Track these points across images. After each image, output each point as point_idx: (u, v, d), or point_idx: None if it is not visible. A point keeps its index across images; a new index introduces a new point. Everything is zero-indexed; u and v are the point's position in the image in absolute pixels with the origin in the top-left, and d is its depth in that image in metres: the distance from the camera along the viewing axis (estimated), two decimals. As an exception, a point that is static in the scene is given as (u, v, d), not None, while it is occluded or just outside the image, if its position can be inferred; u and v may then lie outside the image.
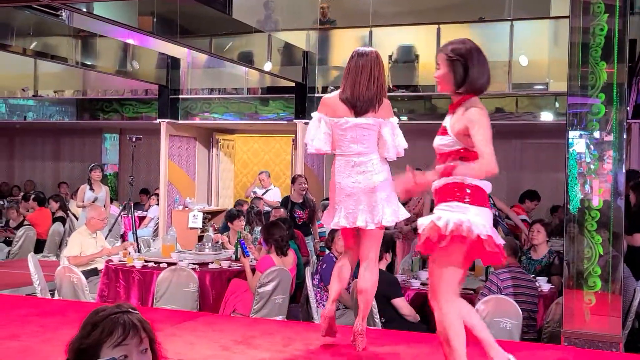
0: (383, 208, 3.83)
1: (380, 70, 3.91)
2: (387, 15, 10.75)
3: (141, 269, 6.17)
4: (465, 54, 3.14)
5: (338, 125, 3.85)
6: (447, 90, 3.23)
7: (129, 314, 1.98)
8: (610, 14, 4.65)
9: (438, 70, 3.22)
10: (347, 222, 3.85)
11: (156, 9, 7.72)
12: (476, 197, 3.09)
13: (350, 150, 3.87)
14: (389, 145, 3.91)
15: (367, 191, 3.82)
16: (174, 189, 11.36)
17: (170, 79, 11.18)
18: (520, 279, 5.15)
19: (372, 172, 3.84)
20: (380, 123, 3.88)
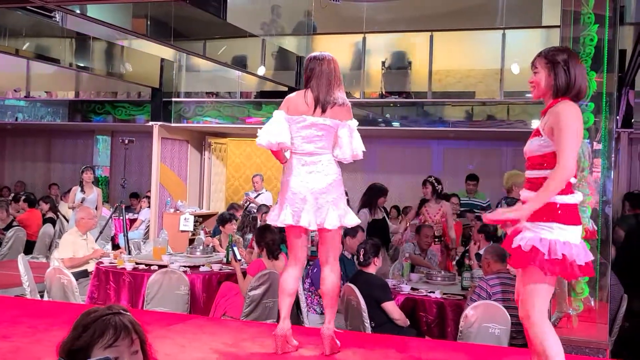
0: (328, 211, 3.83)
1: (339, 74, 3.97)
2: (380, 21, 10.82)
3: (132, 271, 6.17)
4: (568, 58, 3.12)
5: (295, 123, 3.87)
6: (543, 95, 3.17)
7: (120, 315, 2.00)
8: (600, 25, 4.72)
9: (536, 74, 3.17)
10: (292, 220, 3.83)
11: (150, 12, 7.73)
12: (569, 216, 3.02)
13: (302, 149, 3.88)
14: (345, 147, 3.91)
15: (315, 192, 3.82)
16: (165, 192, 11.35)
17: (163, 82, 11.19)
18: (509, 285, 5.17)
19: (322, 173, 3.85)
20: (338, 124, 3.90)
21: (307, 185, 3.83)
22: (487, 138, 11.14)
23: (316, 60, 3.98)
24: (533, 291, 3.05)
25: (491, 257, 5.35)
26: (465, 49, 10.49)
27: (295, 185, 3.85)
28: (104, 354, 1.92)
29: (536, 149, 3.12)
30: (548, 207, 2.99)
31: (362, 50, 10.64)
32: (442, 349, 4.34)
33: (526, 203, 3.02)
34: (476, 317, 4.80)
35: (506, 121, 9.93)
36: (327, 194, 3.84)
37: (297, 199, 3.83)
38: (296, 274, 4.03)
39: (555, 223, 2.99)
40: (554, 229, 2.98)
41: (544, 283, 3.03)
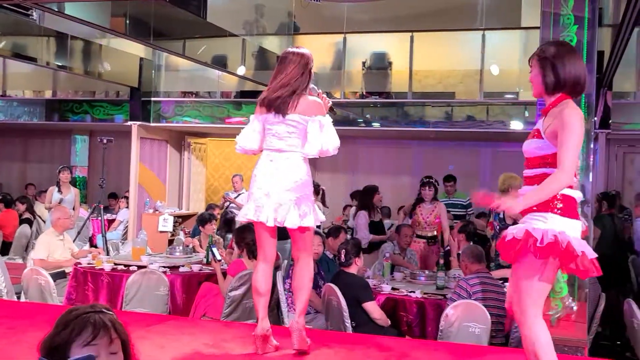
0: (289, 210, 3.76)
1: (294, 69, 3.83)
2: (361, 22, 10.83)
3: (110, 271, 6.11)
4: (555, 54, 3.04)
5: (267, 120, 3.85)
6: (540, 93, 3.12)
7: (101, 314, 1.97)
8: (579, 26, 4.75)
9: (532, 72, 3.13)
10: (254, 216, 3.81)
11: (129, 11, 7.67)
12: (568, 209, 2.97)
13: (271, 146, 3.84)
14: (312, 141, 3.80)
15: (278, 189, 3.77)
16: (144, 192, 11.26)
17: (142, 81, 11.10)
18: (489, 284, 5.21)
19: (288, 171, 3.79)
20: (308, 120, 3.81)
21: (271, 182, 3.78)
22: (467, 139, 11.20)
23: (281, 57, 3.93)
24: (528, 289, 2.97)
25: (468, 259, 5.39)
26: (445, 50, 10.55)
27: (261, 181, 3.82)
28: (82, 351, 1.90)
29: (536, 151, 3.07)
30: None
31: (342, 50, 10.65)
32: (423, 348, 4.35)
33: (522, 197, 2.99)
34: (456, 316, 4.82)
35: (486, 122, 10.00)
36: (291, 192, 3.77)
37: (261, 194, 3.80)
38: (267, 272, 3.97)
39: (550, 213, 2.93)
40: (547, 219, 2.93)
41: (540, 280, 2.96)
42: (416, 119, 10.46)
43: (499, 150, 11.52)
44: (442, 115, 10.35)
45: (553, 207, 2.94)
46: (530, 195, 2.97)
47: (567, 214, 2.96)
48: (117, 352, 1.97)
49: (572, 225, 2.97)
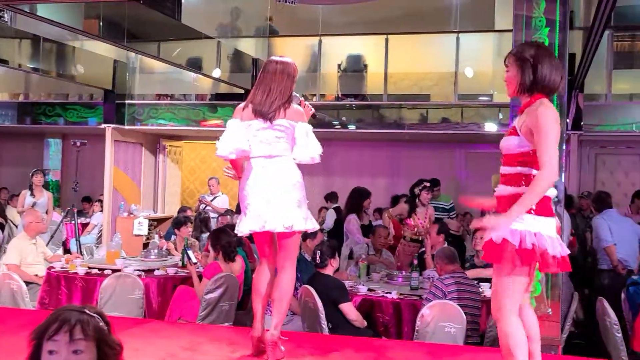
0: (293, 213, 3.75)
1: (280, 77, 3.83)
2: (336, 24, 10.86)
3: (84, 275, 6.05)
4: (536, 54, 3.09)
5: (251, 127, 3.79)
6: (514, 92, 3.16)
7: (77, 312, 1.98)
8: (550, 28, 4.82)
9: (508, 72, 3.17)
10: (257, 226, 3.74)
11: (102, 12, 7.60)
12: (542, 208, 3.01)
13: (261, 152, 3.79)
14: (302, 148, 3.82)
15: (279, 193, 3.73)
16: (118, 196, 11.16)
17: (116, 84, 11.00)
18: (464, 284, 5.25)
19: (282, 175, 3.76)
20: (294, 126, 3.82)
21: (269, 188, 3.73)
22: (442, 140, 11.28)
23: (265, 64, 3.92)
24: (505, 286, 3.04)
25: (442, 260, 5.43)
26: (420, 53, 10.62)
27: (257, 190, 3.75)
28: (46, 345, 1.94)
29: (513, 148, 3.11)
30: (516, 199, 2.99)
31: (318, 53, 10.66)
32: (399, 349, 4.37)
33: (512, 208, 2.97)
34: (432, 316, 4.85)
35: (460, 124, 10.08)
36: (292, 194, 3.76)
37: (261, 202, 3.73)
38: (267, 276, 3.94)
39: (527, 214, 2.97)
40: (524, 220, 2.97)
41: (516, 278, 3.02)
42: (391, 121, 10.51)
43: (473, 152, 11.62)
44: (417, 117, 10.41)
45: (530, 208, 2.98)
46: (520, 204, 2.97)
47: (541, 212, 3.00)
48: (83, 351, 1.94)
49: (547, 223, 3.02)
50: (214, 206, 9.93)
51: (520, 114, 3.15)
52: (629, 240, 6.72)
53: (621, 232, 6.73)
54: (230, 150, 3.79)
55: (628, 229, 6.77)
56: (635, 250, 6.76)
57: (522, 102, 3.16)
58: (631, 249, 6.73)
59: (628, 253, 6.82)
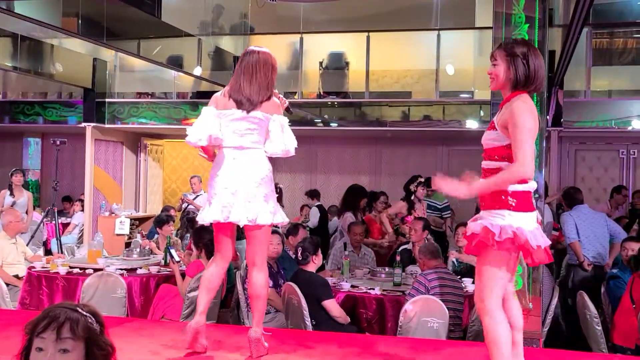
0: (260, 206, 3.73)
1: (263, 68, 3.82)
2: (317, 22, 10.87)
3: (66, 275, 6.00)
4: (527, 51, 3.14)
5: (225, 116, 3.76)
6: (502, 87, 3.20)
7: (69, 310, 1.95)
8: (530, 25, 4.87)
9: (495, 66, 3.19)
10: (222, 217, 3.70)
11: (81, 10, 7.53)
12: (521, 203, 3.05)
13: (233, 143, 3.76)
14: (276, 141, 3.79)
15: (246, 187, 3.70)
16: (99, 195, 11.08)
17: (96, 82, 10.91)
18: (447, 280, 5.29)
19: (253, 168, 3.74)
20: (269, 118, 3.79)
21: (238, 180, 3.71)
22: (424, 138, 11.33)
23: (245, 54, 3.87)
24: (488, 278, 3.09)
25: (424, 256, 5.46)
26: (402, 50, 10.66)
27: (225, 180, 3.73)
28: (35, 341, 1.91)
29: (489, 142, 3.18)
30: (500, 196, 3.05)
31: (299, 50, 10.66)
32: (382, 344, 4.38)
33: (477, 182, 3.07)
34: (415, 312, 4.88)
35: (442, 121, 10.13)
36: (260, 188, 3.73)
37: (228, 193, 3.70)
38: (221, 271, 3.92)
39: (506, 210, 3.03)
40: (505, 216, 3.02)
41: (499, 270, 3.07)
42: (373, 119, 10.54)
43: (455, 148, 11.69)
44: (399, 114, 10.45)
45: (508, 204, 3.03)
46: (485, 183, 3.07)
47: (521, 208, 3.05)
48: (70, 351, 1.91)
49: (528, 218, 3.06)
50: (196, 204, 9.89)
51: (501, 108, 3.20)
52: (600, 236, 6.78)
53: (592, 228, 6.79)
54: (199, 137, 3.74)
55: (599, 225, 6.83)
56: (606, 247, 6.83)
57: (504, 97, 3.21)
58: (601, 245, 6.80)
59: (598, 249, 6.88)
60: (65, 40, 10.55)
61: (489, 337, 3.10)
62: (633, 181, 10.70)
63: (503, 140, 3.10)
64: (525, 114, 3.02)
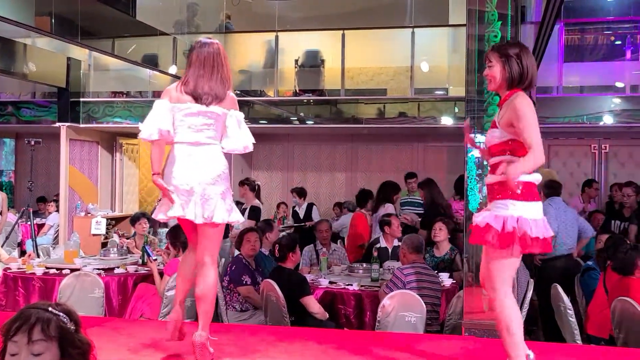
0: (216, 204, 3.62)
1: (223, 61, 3.76)
2: (292, 20, 10.87)
3: (42, 275, 5.96)
4: (520, 52, 3.29)
5: (179, 110, 3.63)
6: (498, 87, 3.35)
7: (44, 311, 1.90)
8: (503, 22, 4.94)
9: (491, 67, 3.33)
10: (177, 213, 3.61)
11: (54, 9, 7.46)
12: (527, 193, 3.19)
13: (188, 139, 3.63)
14: (234, 137, 3.73)
15: (202, 184, 3.59)
16: (75, 195, 10.98)
17: (70, 81, 10.81)
18: (424, 275, 5.35)
19: (209, 165, 3.63)
20: (226, 114, 3.71)
21: (193, 177, 3.59)
22: (399, 135, 11.40)
23: (197, 46, 3.76)
24: (499, 267, 3.23)
25: (407, 248, 5.50)
26: (376, 47, 10.70)
27: (181, 177, 3.59)
28: (9, 346, 1.85)
29: (494, 140, 3.31)
30: (503, 186, 3.17)
31: (274, 48, 10.66)
32: (361, 339, 4.42)
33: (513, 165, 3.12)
34: (393, 306, 4.93)
35: (417, 118, 10.20)
36: (215, 187, 3.63)
37: (183, 191, 3.58)
38: (194, 261, 3.80)
39: (510, 200, 3.17)
40: (508, 206, 3.16)
41: (508, 258, 3.21)
42: (349, 116, 10.58)
43: (430, 145, 11.79)
44: (375, 112, 10.51)
45: (514, 194, 3.16)
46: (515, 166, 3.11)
47: (527, 197, 3.19)
48: (43, 353, 1.86)
49: (533, 207, 3.21)
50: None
51: (500, 108, 3.34)
52: (570, 230, 6.96)
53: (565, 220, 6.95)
54: (150, 132, 3.60)
55: (571, 220, 7.01)
56: (575, 239, 7.00)
57: (501, 97, 3.35)
58: (570, 238, 6.96)
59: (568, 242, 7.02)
60: (38, 40, 10.43)
61: (502, 323, 3.23)
62: (605, 175, 10.89)
63: (505, 137, 3.25)
64: (527, 108, 3.17)
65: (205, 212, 3.60)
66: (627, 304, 4.62)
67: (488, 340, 4.48)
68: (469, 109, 5.01)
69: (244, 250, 6.07)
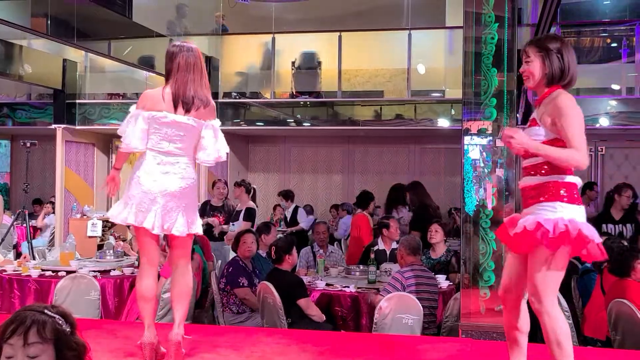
0: (177, 216, 3.59)
1: (204, 67, 3.72)
2: (289, 22, 10.88)
3: (38, 278, 5.94)
4: (561, 46, 3.07)
5: (155, 119, 3.57)
6: (536, 85, 3.12)
7: (40, 314, 1.89)
8: (500, 24, 4.94)
9: (528, 63, 3.11)
10: (135, 220, 3.57)
11: (50, 11, 7.45)
12: (572, 195, 2.98)
13: (160, 147, 3.59)
14: (209, 149, 3.65)
15: (166, 194, 3.56)
16: (71, 197, 10.95)
17: (66, 83, 10.79)
18: (422, 277, 5.34)
19: (177, 176, 3.59)
20: (203, 125, 3.64)
21: (159, 186, 3.55)
22: (396, 136, 11.41)
23: (179, 50, 3.66)
24: (545, 277, 2.98)
25: (405, 250, 5.48)
26: (373, 49, 10.70)
27: (147, 184, 3.56)
28: (5, 349, 1.84)
29: (534, 137, 3.05)
30: (550, 187, 2.99)
31: (271, 50, 10.66)
32: (358, 341, 4.42)
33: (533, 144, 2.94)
34: (390, 308, 4.92)
35: (414, 120, 10.21)
36: (180, 199, 3.59)
37: (147, 198, 3.55)
38: (154, 276, 3.75)
39: (558, 202, 2.96)
40: (556, 208, 2.95)
41: (557, 267, 2.98)
42: (346, 118, 10.59)
43: (427, 147, 11.80)
44: (372, 114, 10.51)
45: (560, 196, 2.97)
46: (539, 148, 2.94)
47: (572, 200, 2.99)
48: (39, 355, 1.85)
49: (579, 211, 3.01)
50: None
51: (538, 105, 3.12)
52: None
53: None
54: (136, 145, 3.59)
55: None
56: None
57: (539, 94, 3.14)
58: None
59: None
60: (34, 41, 10.41)
61: (552, 336, 2.99)
62: (601, 177, 10.90)
63: (547, 136, 3.02)
64: (573, 106, 2.97)
65: (165, 224, 3.58)
66: (623, 305, 4.63)
67: (485, 343, 4.48)
68: (466, 111, 5.01)
69: (240, 252, 6.06)
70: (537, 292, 3.01)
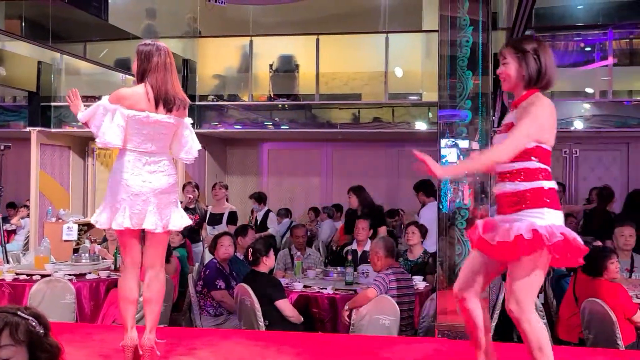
0: (171, 212, 3.68)
1: (175, 67, 3.74)
2: (267, 25, 10.89)
3: (12, 281, 5.86)
4: (538, 47, 3.03)
5: (136, 119, 3.55)
6: (515, 87, 3.09)
7: (12, 315, 1.88)
8: (474, 28, 4.99)
9: (506, 65, 3.08)
10: (132, 224, 3.56)
11: (25, 13, 7.39)
12: (554, 201, 2.96)
13: (143, 147, 3.60)
14: (188, 146, 3.76)
15: (158, 192, 3.60)
16: (46, 201, 10.84)
17: (41, 85, 10.68)
18: (402, 281, 5.35)
19: (164, 173, 3.65)
20: (180, 123, 3.72)
21: (149, 186, 3.58)
22: (374, 139, 11.46)
23: (156, 50, 3.66)
24: (527, 283, 2.94)
25: (381, 251, 5.46)
26: (351, 53, 10.75)
27: (136, 186, 3.56)
28: None
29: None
30: (532, 194, 2.95)
31: (249, 53, 10.66)
32: (335, 342, 4.44)
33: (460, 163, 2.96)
34: (367, 310, 4.95)
35: (391, 123, 10.27)
36: (170, 194, 3.68)
37: (139, 200, 3.56)
38: (136, 279, 3.75)
39: (545, 208, 2.93)
40: (544, 214, 2.93)
41: (539, 273, 2.95)
42: (324, 121, 10.61)
43: (405, 149, 11.84)
44: (349, 117, 10.55)
45: (545, 202, 2.95)
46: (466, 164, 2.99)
47: (554, 206, 2.98)
48: (11, 358, 1.84)
49: (560, 216, 3.00)
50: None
51: (515, 108, 3.08)
52: None
53: None
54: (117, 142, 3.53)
55: None
56: None
57: (517, 97, 3.10)
58: None
59: None
60: (8, 43, 10.29)
61: (533, 343, 2.97)
62: (576, 179, 11.05)
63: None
64: (541, 112, 2.94)
65: (163, 221, 3.64)
66: (596, 304, 4.70)
67: (461, 342, 4.52)
68: (442, 114, 5.05)
69: (218, 255, 6.05)
70: (519, 300, 2.97)
